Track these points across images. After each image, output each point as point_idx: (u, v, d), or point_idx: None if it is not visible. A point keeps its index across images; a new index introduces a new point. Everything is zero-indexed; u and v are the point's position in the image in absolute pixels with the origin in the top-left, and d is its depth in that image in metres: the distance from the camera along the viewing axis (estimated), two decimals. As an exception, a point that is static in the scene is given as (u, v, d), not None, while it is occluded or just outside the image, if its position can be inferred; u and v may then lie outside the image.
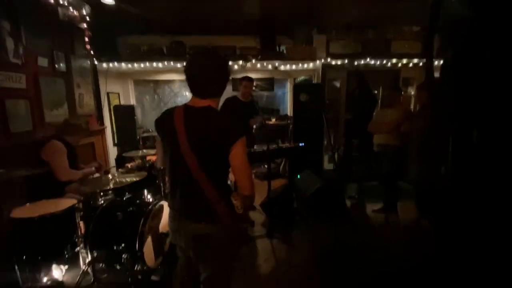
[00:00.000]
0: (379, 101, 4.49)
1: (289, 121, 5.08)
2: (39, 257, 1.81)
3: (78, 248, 1.99)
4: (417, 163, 2.91)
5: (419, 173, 2.91)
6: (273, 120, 5.19)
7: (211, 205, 1.18)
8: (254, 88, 4.54)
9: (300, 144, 3.17)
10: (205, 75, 1.20)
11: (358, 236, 2.91)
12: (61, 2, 3.02)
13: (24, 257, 1.78)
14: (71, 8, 3.21)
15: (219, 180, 1.23)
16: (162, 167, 2.36)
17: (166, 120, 1.25)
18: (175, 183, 1.29)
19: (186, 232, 1.26)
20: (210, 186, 1.17)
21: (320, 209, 3.19)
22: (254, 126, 3.37)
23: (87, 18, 3.54)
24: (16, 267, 1.79)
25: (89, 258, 2.00)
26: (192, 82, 1.21)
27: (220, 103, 1.41)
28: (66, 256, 1.91)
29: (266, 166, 4.09)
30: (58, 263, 1.97)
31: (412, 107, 4.85)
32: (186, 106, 1.25)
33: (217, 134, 1.16)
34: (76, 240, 1.98)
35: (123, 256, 1.93)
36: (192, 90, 1.23)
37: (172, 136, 1.19)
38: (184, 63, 1.25)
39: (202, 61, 1.22)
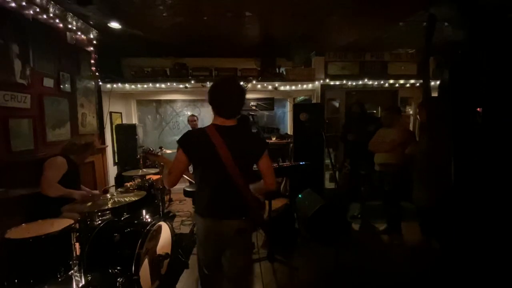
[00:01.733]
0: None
1: (289, 140, 5.10)
2: (31, 280, 1.74)
3: (72, 271, 1.91)
4: (419, 183, 2.88)
5: (422, 194, 2.86)
6: (274, 139, 5.22)
7: (247, 203, 1.47)
8: (254, 107, 4.62)
9: (301, 163, 3.16)
10: (233, 100, 1.45)
11: (361, 258, 2.81)
12: (69, 27, 3.16)
13: (16, 280, 1.71)
14: (79, 33, 3.35)
15: (249, 182, 1.51)
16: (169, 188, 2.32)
17: (199, 139, 1.44)
18: (214, 192, 1.47)
19: (229, 229, 1.46)
20: (247, 187, 1.47)
21: (322, 229, 3.11)
22: None
23: (94, 42, 3.69)
24: (7, 291, 1.72)
25: (82, 282, 1.92)
26: (222, 105, 1.45)
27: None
28: (59, 279, 1.84)
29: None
30: (50, 287, 1.89)
31: (411, 125, 4.89)
32: (217, 126, 1.45)
33: (253, 146, 1.50)
34: (70, 262, 1.91)
35: (118, 279, 1.86)
36: (220, 113, 1.46)
37: (212, 152, 1.39)
38: (186, 85, 1.50)
39: (229, 87, 1.46)
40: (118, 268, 1.91)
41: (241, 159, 1.42)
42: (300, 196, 3.59)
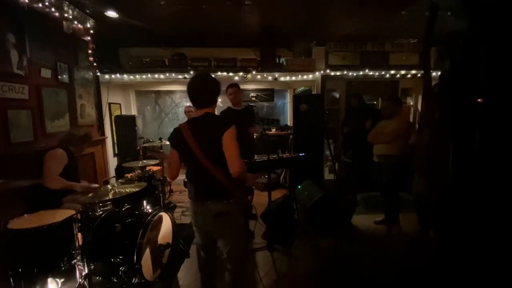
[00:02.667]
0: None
1: (289, 131, 5.09)
2: (35, 270, 1.77)
3: (75, 261, 1.95)
4: (419, 174, 2.89)
5: (422, 185, 2.88)
6: (273, 130, 5.21)
7: (224, 187, 1.54)
8: (254, 98, 4.60)
9: (301, 154, 3.16)
10: (203, 92, 1.61)
11: (359, 248, 2.86)
12: (66, 16, 3.10)
13: (20, 269, 1.74)
14: (75, 22, 3.29)
15: (226, 167, 1.53)
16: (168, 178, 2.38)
17: (177, 136, 1.62)
18: (193, 178, 1.64)
19: (208, 212, 1.58)
20: (221, 173, 1.53)
21: (321, 220, 3.15)
22: (255, 135, 3.35)
23: (91, 31, 3.62)
24: (11, 280, 1.75)
25: (85, 271, 1.96)
26: (193, 98, 1.62)
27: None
28: (63, 268, 1.87)
29: (266, 176, 4.07)
30: (54, 276, 1.92)
31: (412, 116, 4.87)
32: (189, 120, 1.64)
33: (213, 130, 1.54)
34: (73, 252, 1.94)
35: (120, 268, 1.90)
36: (193, 104, 1.63)
37: (185, 145, 1.56)
38: (186, 75, 1.67)
39: (199, 82, 1.62)
40: (120, 257, 1.94)
41: (204, 144, 1.53)
42: (299, 187, 3.61)
